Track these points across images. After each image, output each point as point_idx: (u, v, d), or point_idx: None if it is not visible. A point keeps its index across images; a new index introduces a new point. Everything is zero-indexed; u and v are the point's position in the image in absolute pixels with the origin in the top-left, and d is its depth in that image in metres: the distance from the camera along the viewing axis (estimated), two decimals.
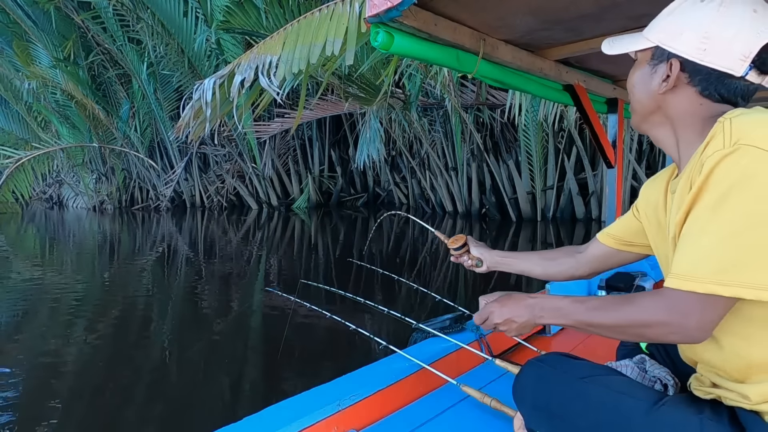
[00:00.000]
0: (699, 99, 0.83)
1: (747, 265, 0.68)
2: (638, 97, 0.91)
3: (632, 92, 0.93)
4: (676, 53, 0.83)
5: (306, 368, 3.12)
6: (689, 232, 0.74)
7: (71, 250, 8.27)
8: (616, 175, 2.65)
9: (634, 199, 3.76)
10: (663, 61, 0.85)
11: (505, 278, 5.42)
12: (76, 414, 2.59)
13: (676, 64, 0.83)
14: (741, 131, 0.71)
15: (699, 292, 0.71)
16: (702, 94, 0.83)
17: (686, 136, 0.86)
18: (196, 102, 4.73)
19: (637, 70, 0.91)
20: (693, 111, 0.84)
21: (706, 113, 0.83)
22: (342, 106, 9.62)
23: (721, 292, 0.69)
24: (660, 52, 0.86)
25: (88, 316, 4.35)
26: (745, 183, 0.68)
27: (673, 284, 0.74)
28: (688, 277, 0.72)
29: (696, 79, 0.82)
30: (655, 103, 0.88)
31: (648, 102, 0.89)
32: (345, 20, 3.23)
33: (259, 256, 7.12)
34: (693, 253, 0.72)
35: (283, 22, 6.51)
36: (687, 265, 0.73)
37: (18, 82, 12.82)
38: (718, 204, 0.70)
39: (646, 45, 0.88)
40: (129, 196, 14.50)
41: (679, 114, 0.86)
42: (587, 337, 2.19)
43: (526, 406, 1.04)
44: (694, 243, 0.72)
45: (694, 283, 0.71)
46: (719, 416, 0.82)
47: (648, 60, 0.88)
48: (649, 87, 0.88)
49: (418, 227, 9.54)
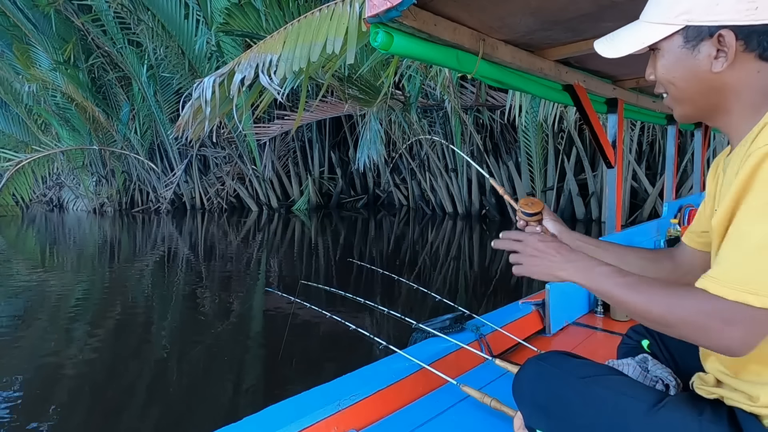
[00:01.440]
0: (757, 65, 0.75)
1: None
2: (687, 88, 0.81)
3: (675, 84, 0.82)
4: (722, 24, 0.73)
5: (306, 368, 3.11)
6: (735, 233, 0.69)
7: (72, 252, 8.27)
8: (616, 176, 2.65)
9: (634, 199, 3.78)
10: (704, 39, 0.76)
11: (506, 278, 5.42)
12: (77, 414, 2.59)
13: (730, 35, 0.73)
14: None
15: (733, 300, 0.65)
16: (761, 57, 0.74)
17: (742, 111, 0.78)
18: (195, 101, 4.72)
19: (669, 60, 0.81)
20: (750, 82, 0.76)
21: (764, 83, 0.75)
22: (342, 107, 9.64)
23: (752, 302, 0.64)
24: (695, 31, 0.76)
25: (89, 318, 4.34)
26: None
27: (709, 285, 0.69)
28: (727, 281, 0.66)
29: (753, 42, 0.73)
30: (710, 85, 0.78)
31: (703, 88, 0.79)
32: (345, 20, 3.24)
33: (259, 258, 7.12)
34: (734, 256, 0.67)
35: (282, 24, 6.52)
36: (726, 267, 0.68)
37: (18, 85, 12.82)
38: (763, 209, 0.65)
39: (666, 32, 0.79)
40: (129, 199, 14.48)
41: (735, 88, 0.77)
42: (588, 336, 2.18)
43: (525, 404, 1.04)
44: (738, 245, 0.68)
45: (730, 291, 0.66)
46: (719, 418, 0.81)
47: (681, 45, 0.79)
48: (699, 71, 0.78)
49: (417, 229, 9.55)
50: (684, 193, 7.86)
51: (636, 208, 8.76)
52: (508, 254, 0.97)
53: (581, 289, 2.48)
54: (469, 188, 10.58)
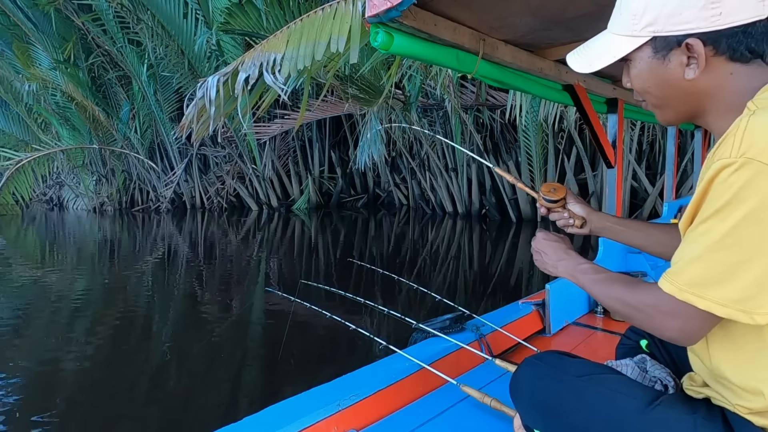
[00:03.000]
0: (729, 67, 0.75)
1: (725, 282, 0.68)
2: (663, 95, 0.82)
3: (651, 92, 0.83)
4: (688, 32, 0.74)
5: (306, 368, 3.12)
6: (688, 238, 0.73)
7: (72, 251, 8.27)
8: (616, 175, 2.65)
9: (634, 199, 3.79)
10: (673, 48, 0.76)
11: (506, 279, 5.42)
12: (77, 414, 2.59)
13: (698, 43, 0.74)
14: (752, 140, 0.65)
15: (678, 298, 0.72)
16: (732, 59, 0.75)
17: (720, 112, 0.79)
18: (199, 100, 4.71)
19: (641, 70, 0.82)
20: (723, 84, 0.76)
21: (738, 84, 0.76)
22: (342, 107, 9.63)
23: (696, 304, 0.70)
24: (662, 41, 0.77)
25: (89, 318, 4.35)
26: (740, 203, 0.65)
27: (662, 283, 0.75)
28: (674, 281, 0.73)
29: (722, 46, 0.74)
30: (686, 92, 0.79)
31: (679, 95, 0.80)
32: (348, 19, 3.24)
33: (259, 257, 7.12)
34: (683, 259, 0.73)
35: (283, 24, 6.52)
36: (676, 269, 0.73)
37: (18, 84, 12.82)
38: (712, 217, 0.68)
39: (634, 44, 0.80)
40: (129, 198, 14.48)
41: (711, 92, 0.78)
42: (587, 336, 2.19)
43: (522, 403, 1.05)
44: (687, 250, 0.72)
45: (676, 289, 0.72)
46: (713, 416, 0.82)
47: (651, 55, 0.79)
48: (672, 80, 0.79)
49: (417, 228, 9.54)
50: (684, 193, 7.85)
51: (636, 208, 8.76)
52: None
53: (581, 290, 2.48)
54: (469, 188, 10.57)
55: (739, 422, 0.78)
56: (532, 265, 5.99)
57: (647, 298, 0.78)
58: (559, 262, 1.02)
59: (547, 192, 1.15)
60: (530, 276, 5.48)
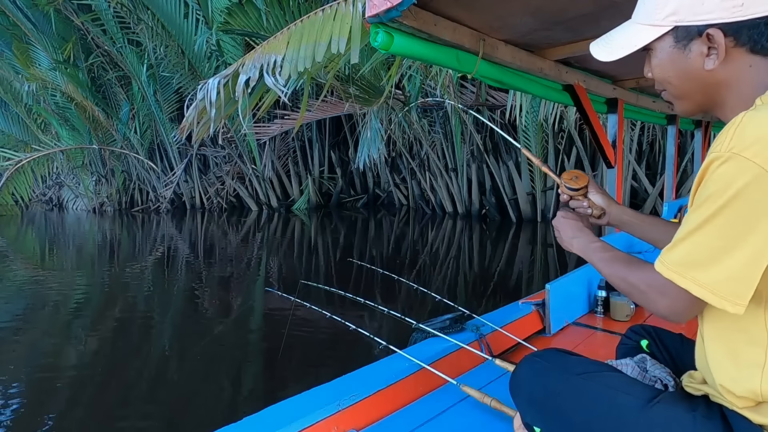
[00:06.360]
0: (749, 59, 0.76)
1: (704, 265, 0.71)
2: (683, 85, 0.83)
3: (671, 82, 0.84)
4: (709, 23, 0.75)
5: (306, 368, 3.11)
6: (682, 223, 0.77)
7: (71, 252, 8.27)
8: (616, 175, 2.65)
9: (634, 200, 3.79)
10: (694, 38, 0.77)
11: (506, 278, 5.42)
12: (77, 414, 2.59)
13: (718, 33, 0.74)
14: (742, 136, 0.67)
15: (664, 276, 0.75)
16: (752, 51, 0.75)
17: (738, 104, 0.79)
18: (200, 102, 4.71)
19: (662, 60, 0.83)
20: (743, 76, 0.77)
21: (756, 77, 0.76)
22: (342, 107, 9.63)
23: (677, 282, 0.73)
24: (684, 31, 0.78)
25: (89, 318, 4.34)
26: (722, 196, 0.68)
27: (656, 262, 0.78)
28: (663, 260, 0.76)
29: (743, 37, 0.74)
30: (705, 82, 0.80)
31: (698, 85, 0.81)
32: (349, 19, 3.24)
33: (259, 258, 7.12)
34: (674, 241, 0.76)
35: (283, 24, 6.52)
36: (667, 249, 0.77)
37: (18, 84, 12.82)
38: (702, 206, 0.71)
39: (656, 33, 0.81)
40: (129, 198, 14.48)
41: (730, 83, 0.78)
42: (587, 336, 2.19)
43: (521, 400, 1.05)
44: (679, 234, 0.75)
45: (664, 267, 0.76)
46: (712, 414, 0.82)
47: (672, 45, 0.80)
48: (693, 70, 0.79)
49: (417, 228, 9.54)
50: (684, 193, 7.85)
51: (636, 208, 8.68)
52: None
53: (581, 290, 2.49)
54: (469, 188, 10.57)
55: (736, 419, 0.79)
56: (532, 265, 6.02)
57: (644, 275, 0.81)
58: (574, 239, 1.06)
59: (568, 180, 1.17)
60: (530, 276, 5.49)
